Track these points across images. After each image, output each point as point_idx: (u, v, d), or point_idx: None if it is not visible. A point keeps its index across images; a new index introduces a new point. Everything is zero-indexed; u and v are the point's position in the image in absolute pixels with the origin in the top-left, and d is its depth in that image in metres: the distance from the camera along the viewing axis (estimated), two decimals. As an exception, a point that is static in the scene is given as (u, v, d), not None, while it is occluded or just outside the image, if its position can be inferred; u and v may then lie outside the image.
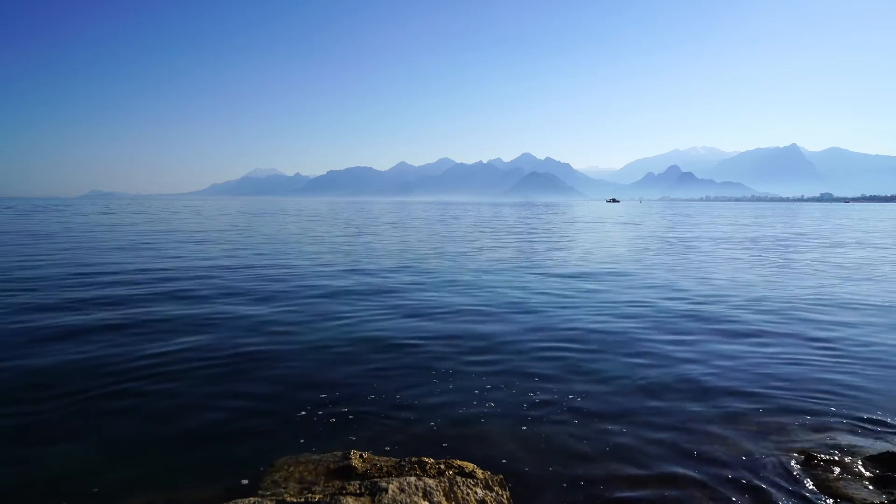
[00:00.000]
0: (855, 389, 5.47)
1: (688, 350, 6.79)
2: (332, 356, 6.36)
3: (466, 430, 4.46)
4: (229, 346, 6.67)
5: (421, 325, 7.89)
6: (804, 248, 21.42)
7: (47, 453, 4.01)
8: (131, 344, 6.67)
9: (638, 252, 19.23)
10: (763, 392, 5.37)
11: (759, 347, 6.95)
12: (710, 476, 3.78)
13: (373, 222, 39.87)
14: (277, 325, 7.74)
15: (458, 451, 4.03)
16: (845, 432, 4.49)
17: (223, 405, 4.91)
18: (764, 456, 4.06)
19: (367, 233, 28.05)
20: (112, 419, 4.60)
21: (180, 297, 9.70)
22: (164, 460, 3.93)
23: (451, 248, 19.83)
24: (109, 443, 4.18)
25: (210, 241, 21.91)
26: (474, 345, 6.86)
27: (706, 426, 4.58)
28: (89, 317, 8.02)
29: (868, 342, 7.22)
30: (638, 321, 8.27)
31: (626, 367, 6.08)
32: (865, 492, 3.59)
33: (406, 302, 9.49)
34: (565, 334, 7.44)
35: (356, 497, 2.96)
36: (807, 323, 8.31)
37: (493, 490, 3.20)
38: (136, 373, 5.67)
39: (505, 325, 7.90)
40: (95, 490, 3.53)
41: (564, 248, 20.32)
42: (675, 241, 24.69)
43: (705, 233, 31.10)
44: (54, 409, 4.74)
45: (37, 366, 5.84)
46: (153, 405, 4.90)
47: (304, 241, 22.31)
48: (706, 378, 5.75)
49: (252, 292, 10.20)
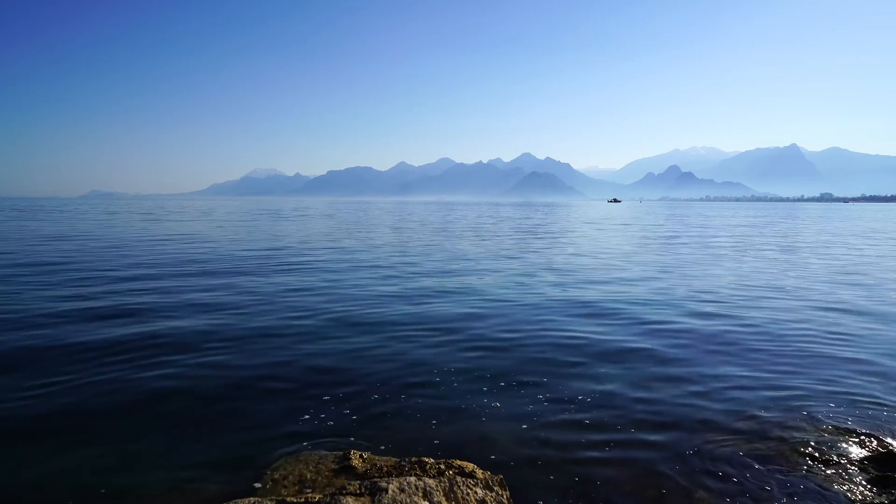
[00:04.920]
0: (856, 388, 5.47)
1: (689, 352, 6.79)
2: (332, 356, 6.35)
3: (466, 430, 4.46)
4: (230, 344, 6.69)
5: (421, 325, 7.89)
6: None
7: (47, 453, 4.01)
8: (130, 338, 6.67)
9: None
10: (761, 389, 5.38)
11: (762, 344, 6.96)
12: (709, 475, 3.78)
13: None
14: (276, 325, 7.74)
15: (458, 451, 4.03)
16: (845, 431, 4.49)
17: (223, 405, 4.90)
18: (764, 455, 4.06)
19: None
20: (111, 419, 4.60)
21: (159, 308, 9.70)
22: (164, 460, 3.93)
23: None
24: (108, 442, 4.18)
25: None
26: (475, 344, 6.87)
27: (706, 425, 4.57)
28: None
29: (875, 339, 7.22)
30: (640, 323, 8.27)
31: (627, 368, 6.08)
32: (865, 492, 3.59)
33: (406, 300, 9.50)
34: (565, 334, 7.45)
35: (356, 497, 2.96)
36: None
37: (494, 490, 3.20)
38: (136, 371, 5.68)
39: (507, 325, 7.90)
40: (96, 490, 3.54)
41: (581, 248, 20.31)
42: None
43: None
44: (53, 409, 4.75)
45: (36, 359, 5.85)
46: (152, 403, 4.90)
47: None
48: (706, 377, 5.75)
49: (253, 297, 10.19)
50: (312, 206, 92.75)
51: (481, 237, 25.66)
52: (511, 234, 28.56)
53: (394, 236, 25.57)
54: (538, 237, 26.12)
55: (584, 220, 46.54)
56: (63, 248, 18.21)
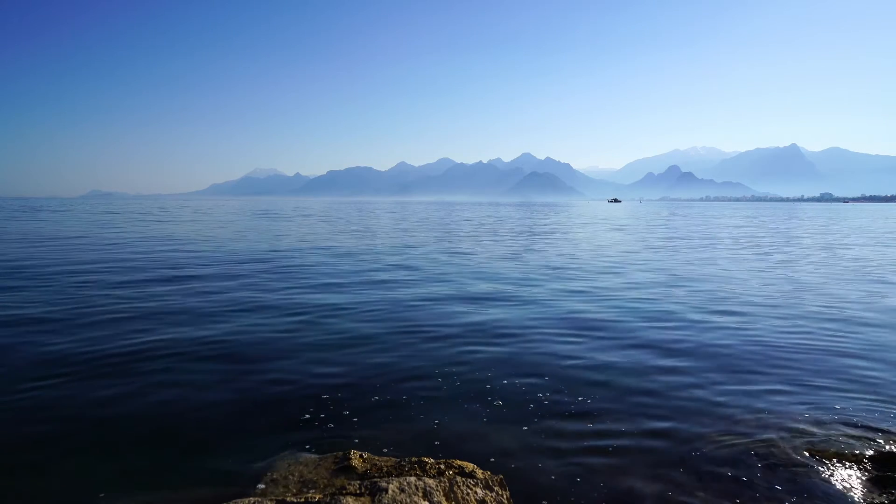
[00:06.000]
0: (857, 388, 5.47)
1: (684, 344, 6.79)
2: (332, 356, 6.35)
3: (466, 430, 4.46)
4: (231, 344, 6.68)
5: (422, 325, 7.89)
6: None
7: (43, 449, 4.01)
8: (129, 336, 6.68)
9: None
10: (759, 388, 5.38)
11: (762, 346, 6.96)
12: (711, 475, 3.78)
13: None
14: (276, 325, 7.74)
15: (458, 451, 4.03)
16: (845, 431, 4.48)
17: (224, 405, 4.90)
18: (763, 454, 4.06)
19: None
20: (111, 419, 4.60)
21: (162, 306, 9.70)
22: (164, 460, 3.93)
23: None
24: (108, 442, 4.18)
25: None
26: (475, 344, 6.87)
27: (706, 425, 4.57)
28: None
29: (876, 342, 7.22)
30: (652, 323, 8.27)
31: (628, 369, 6.08)
32: (865, 492, 3.58)
33: (406, 303, 9.50)
34: (566, 333, 7.44)
35: (356, 497, 2.96)
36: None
37: (494, 490, 3.19)
38: (136, 370, 5.68)
39: (508, 325, 7.90)
40: (95, 490, 3.53)
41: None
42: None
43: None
44: (52, 409, 4.75)
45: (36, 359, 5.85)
46: (153, 405, 4.90)
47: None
48: (706, 377, 5.75)
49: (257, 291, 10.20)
50: (312, 207, 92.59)
51: (480, 238, 25.69)
52: (511, 235, 28.57)
53: (396, 237, 25.58)
54: (542, 237, 26.16)
55: (582, 221, 46.52)
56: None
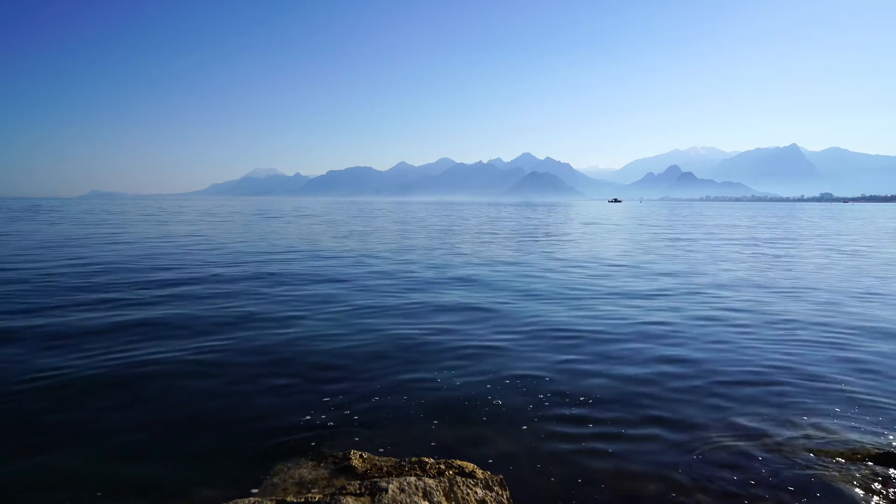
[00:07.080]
0: (855, 388, 5.47)
1: (692, 351, 6.79)
2: (332, 356, 6.35)
3: (466, 430, 4.46)
4: (230, 345, 6.68)
5: (422, 324, 7.89)
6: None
7: (46, 453, 4.01)
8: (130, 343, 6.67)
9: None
10: (760, 388, 5.38)
11: (763, 343, 6.96)
12: (711, 475, 3.78)
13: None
14: (277, 325, 7.74)
15: (458, 451, 4.03)
16: (846, 432, 4.48)
17: (224, 405, 4.90)
18: (764, 455, 4.06)
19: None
20: (111, 419, 4.60)
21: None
22: (165, 461, 3.93)
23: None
24: (109, 443, 4.18)
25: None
26: (475, 344, 6.87)
27: (705, 425, 4.57)
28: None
29: (877, 346, 7.22)
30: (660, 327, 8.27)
31: (630, 368, 6.08)
32: (866, 491, 3.58)
33: (406, 302, 9.50)
34: (566, 333, 7.44)
35: (356, 497, 2.96)
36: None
37: (494, 490, 3.19)
38: (137, 373, 5.68)
39: (507, 324, 7.90)
40: (95, 490, 3.53)
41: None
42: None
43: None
44: (54, 409, 4.74)
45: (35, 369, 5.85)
46: (153, 406, 4.90)
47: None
48: (706, 378, 5.75)
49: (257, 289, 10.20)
50: (311, 207, 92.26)
51: (480, 238, 25.68)
52: (511, 235, 28.57)
53: (398, 237, 25.58)
54: (548, 237, 26.17)
55: (584, 222, 46.52)
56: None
